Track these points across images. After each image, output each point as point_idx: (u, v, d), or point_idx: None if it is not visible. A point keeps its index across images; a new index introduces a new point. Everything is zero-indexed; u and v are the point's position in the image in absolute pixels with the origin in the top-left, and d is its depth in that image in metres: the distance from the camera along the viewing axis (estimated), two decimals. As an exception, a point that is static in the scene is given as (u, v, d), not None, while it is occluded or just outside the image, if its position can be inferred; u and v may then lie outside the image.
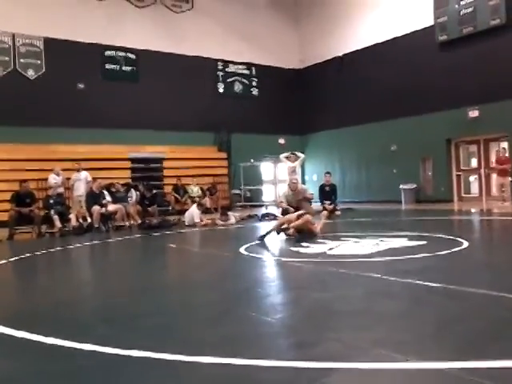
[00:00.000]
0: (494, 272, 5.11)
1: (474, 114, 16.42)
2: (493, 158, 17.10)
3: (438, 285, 4.27)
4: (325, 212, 10.57)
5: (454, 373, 2.38)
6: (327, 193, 14.31)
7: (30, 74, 16.47)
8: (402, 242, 7.15)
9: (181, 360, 2.73)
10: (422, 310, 3.65)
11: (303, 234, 8.39)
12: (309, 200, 12.91)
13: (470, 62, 16.23)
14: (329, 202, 13.98)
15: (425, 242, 7.11)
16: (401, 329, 3.19)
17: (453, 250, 6.29)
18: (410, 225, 11.07)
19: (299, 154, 14.97)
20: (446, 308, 3.64)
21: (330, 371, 2.50)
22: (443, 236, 7.78)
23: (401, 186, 17.97)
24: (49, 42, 16.70)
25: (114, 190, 13.56)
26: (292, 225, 8.41)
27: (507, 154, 15.38)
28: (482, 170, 16.96)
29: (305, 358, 2.70)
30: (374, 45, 19.41)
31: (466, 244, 6.75)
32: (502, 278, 4.69)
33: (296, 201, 10.34)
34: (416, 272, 4.94)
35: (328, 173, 15.10)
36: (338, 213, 13.71)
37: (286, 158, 14.81)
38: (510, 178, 13.97)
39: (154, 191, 14.51)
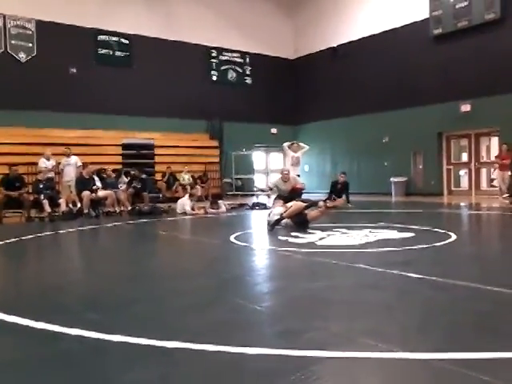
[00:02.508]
0: (480, 265, 5.16)
1: (466, 108, 16.48)
2: (483, 153, 17.23)
3: (426, 277, 4.31)
4: (321, 203, 10.47)
5: (439, 363, 2.42)
6: (337, 189, 13.94)
7: (21, 56, 16.30)
8: (391, 234, 7.19)
9: (168, 346, 2.74)
10: (408, 301, 3.69)
11: (299, 222, 8.39)
12: (299, 190, 12.91)
13: (464, 56, 16.25)
14: (334, 197, 13.64)
15: (413, 235, 7.17)
16: (388, 319, 3.22)
17: (441, 243, 6.34)
18: (399, 217, 11.13)
19: (302, 145, 14.61)
20: (432, 300, 3.68)
21: (316, 360, 2.52)
22: (432, 229, 7.84)
23: (391, 179, 18.05)
24: (41, 24, 16.50)
25: (104, 175, 13.51)
26: (285, 214, 8.38)
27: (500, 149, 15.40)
28: (473, 165, 17.07)
29: (292, 346, 2.71)
30: (368, 36, 19.39)
31: (454, 237, 6.81)
32: (488, 272, 4.75)
33: (288, 191, 10.40)
34: (404, 263, 4.98)
35: (344, 173, 14.59)
36: (349, 205, 13.29)
37: (289, 147, 14.44)
38: (509, 173, 14.10)
39: (143, 176, 14.36)
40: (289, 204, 8.73)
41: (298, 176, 14.06)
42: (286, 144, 14.67)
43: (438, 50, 17.06)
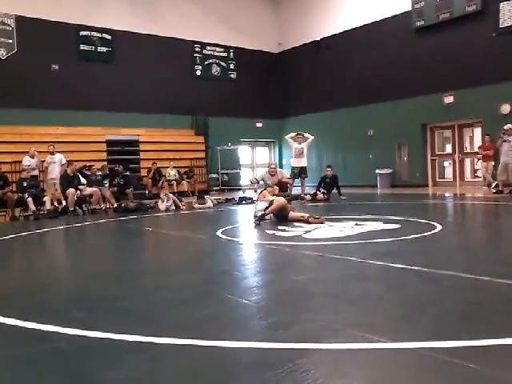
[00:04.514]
0: (466, 255, 5.21)
1: (449, 99, 16.62)
2: (467, 144, 17.39)
3: (412, 267, 4.34)
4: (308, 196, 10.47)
5: (427, 352, 2.43)
6: (327, 184, 13.78)
7: (1, 53, 16.06)
8: (377, 226, 7.23)
9: (156, 342, 2.73)
10: (396, 292, 3.71)
11: (281, 217, 8.41)
12: (287, 184, 12.91)
13: (446, 48, 16.36)
14: (324, 191, 13.58)
15: (399, 226, 7.21)
16: (375, 310, 3.23)
17: (427, 234, 6.39)
18: (385, 209, 11.19)
19: (307, 135, 14.17)
20: (419, 290, 3.70)
21: (304, 352, 2.53)
22: (417, 220, 7.89)
23: (377, 171, 18.15)
24: (20, 20, 16.25)
25: (89, 173, 13.40)
26: (268, 210, 8.37)
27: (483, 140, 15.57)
28: (456, 156, 17.21)
29: (279, 339, 2.72)
30: (352, 29, 19.43)
31: (439, 227, 6.86)
32: (475, 261, 4.79)
33: (274, 184, 10.42)
34: (390, 255, 5.01)
35: (329, 166, 14.44)
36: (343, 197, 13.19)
37: (292, 138, 14.19)
38: (492, 163, 14.33)
39: (127, 172, 14.26)
40: (271, 198, 8.71)
41: (305, 168, 13.99)
42: (288, 136, 14.37)
43: (420, 42, 17.15)
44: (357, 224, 7.44)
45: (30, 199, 11.36)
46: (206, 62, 20.85)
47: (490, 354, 2.41)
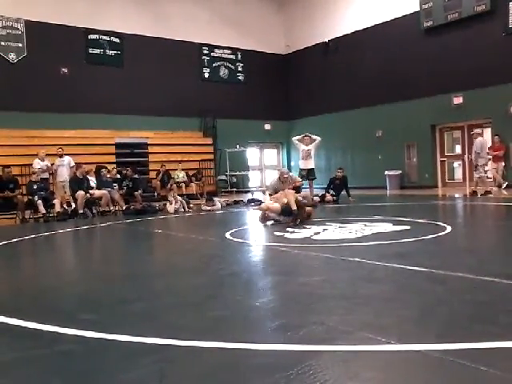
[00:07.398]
0: (476, 256, 5.17)
1: (458, 100, 16.53)
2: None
3: (422, 269, 4.32)
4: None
5: (436, 354, 2.42)
6: (336, 185, 13.68)
7: (12, 57, 16.19)
8: (387, 227, 7.21)
9: (167, 344, 2.74)
10: (405, 293, 3.69)
11: (286, 212, 8.33)
12: (298, 187, 12.87)
13: (455, 49, 16.29)
14: (333, 192, 13.52)
15: (409, 227, 7.18)
16: (385, 312, 3.22)
17: (436, 235, 6.36)
18: (394, 210, 11.16)
19: (314, 137, 13.98)
20: (429, 292, 3.69)
21: (314, 354, 2.52)
22: (427, 221, 7.86)
23: (386, 172, 18.08)
24: (30, 24, 16.39)
25: (108, 175, 13.51)
26: (293, 207, 8.18)
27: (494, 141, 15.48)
28: (466, 156, 17.10)
29: (290, 341, 2.72)
30: (360, 30, 19.39)
31: (449, 229, 6.83)
32: (484, 262, 4.76)
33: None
34: (400, 256, 4.99)
35: (340, 168, 14.34)
36: (351, 199, 13.09)
37: (299, 140, 14.11)
38: (503, 164, 14.26)
39: (135, 175, 14.33)
40: (277, 195, 8.65)
41: (313, 169, 13.92)
42: (295, 137, 14.29)
43: (429, 42, 17.09)
44: (366, 225, 7.43)
45: (39, 202, 11.43)
46: (214, 65, 20.90)
47: (499, 356, 2.40)
